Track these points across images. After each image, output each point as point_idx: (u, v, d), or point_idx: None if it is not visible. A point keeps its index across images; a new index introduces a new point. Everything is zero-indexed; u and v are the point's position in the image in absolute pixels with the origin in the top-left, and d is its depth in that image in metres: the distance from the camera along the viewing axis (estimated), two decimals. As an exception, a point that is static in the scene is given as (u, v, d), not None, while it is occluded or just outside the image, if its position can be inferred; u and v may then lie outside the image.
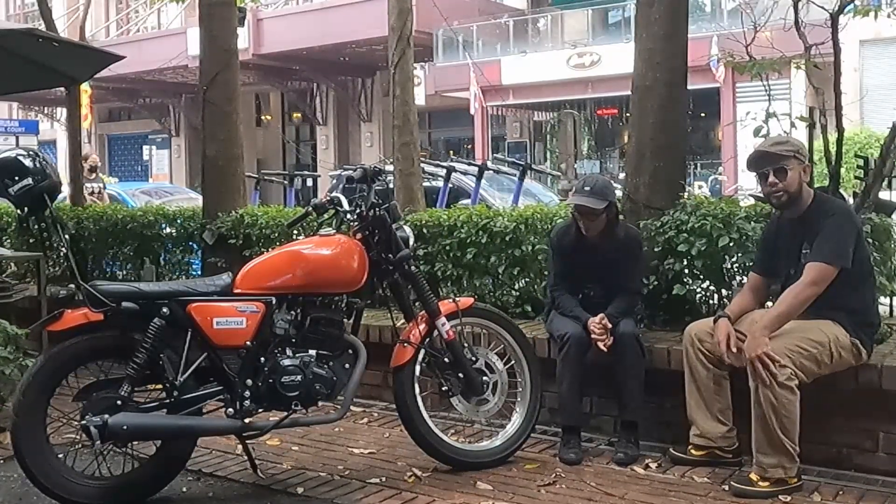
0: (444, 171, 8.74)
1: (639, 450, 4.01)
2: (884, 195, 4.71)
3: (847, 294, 3.59)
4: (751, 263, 4.26)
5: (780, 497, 3.46)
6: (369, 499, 3.56)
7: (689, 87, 4.91)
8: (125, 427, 3.41)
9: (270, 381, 3.60)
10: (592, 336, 4.02)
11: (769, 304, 4.06)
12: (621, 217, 4.59)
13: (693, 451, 3.87)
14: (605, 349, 4.00)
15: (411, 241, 4.06)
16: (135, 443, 3.61)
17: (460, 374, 3.97)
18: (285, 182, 11.54)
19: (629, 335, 4.03)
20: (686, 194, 4.68)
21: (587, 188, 4.11)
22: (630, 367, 4.02)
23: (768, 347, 3.47)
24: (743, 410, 3.64)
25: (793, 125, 4.92)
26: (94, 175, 11.42)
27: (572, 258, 4.26)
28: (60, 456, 3.54)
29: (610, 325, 4.02)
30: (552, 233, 4.50)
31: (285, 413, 3.67)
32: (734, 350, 3.62)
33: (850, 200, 4.65)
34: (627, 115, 5.42)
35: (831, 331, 3.58)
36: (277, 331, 3.65)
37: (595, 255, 4.20)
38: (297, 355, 3.65)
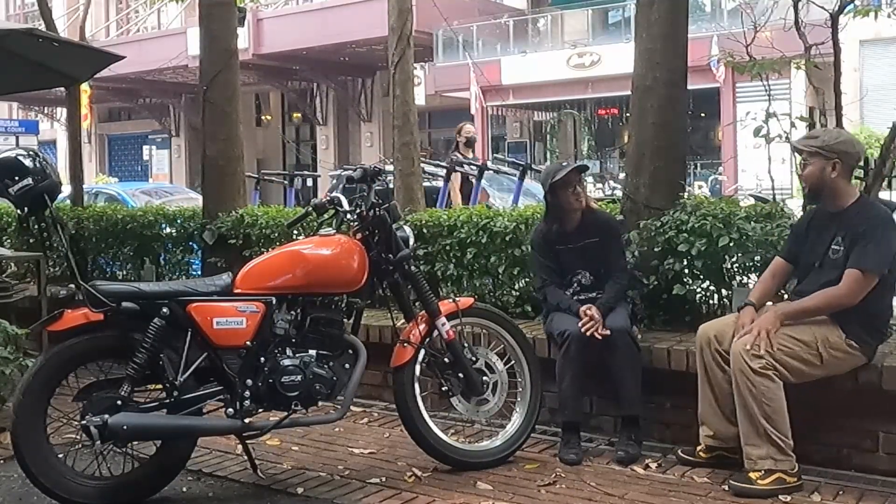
0: (444, 171, 8.74)
1: (640, 448, 4.02)
2: (884, 195, 4.71)
3: (869, 297, 3.55)
4: (750, 263, 4.27)
5: (779, 497, 3.46)
6: (369, 499, 3.56)
7: (689, 87, 4.90)
8: (125, 427, 3.41)
9: (270, 381, 3.60)
10: (584, 328, 3.99)
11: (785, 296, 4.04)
12: (620, 218, 4.61)
13: (702, 454, 3.85)
14: (599, 337, 3.98)
15: (411, 241, 4.06)
16: (135, 443, 3.61)
17: (460, 374, 3.97)
18: (285, 182, 11.53)
19: (619, 330, 4.03)
20: (686, 194, 4.68)
21: (564, 164, 4.33)
22: (624, 362, 4.02)
23: (774, 330, 3.51)
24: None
25: (793, 125, 4.92)
26: (471, 152, 8.98)
27: (555, 250, 4.31)
28: (60, 456, 3.54)
29: (598, 317, 4.01)
30: (532, 234, 4.54)
31: (285, 413, 3.67)
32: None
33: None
34: (627, 115, 5.42)
35: (823, 332, 3.57)
36: (277, 331, 3.65)
37: (576, 243, 4.26)
38: (297, 355, 3.65)
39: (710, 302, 4.56)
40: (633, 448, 3.99)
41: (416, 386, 3.91)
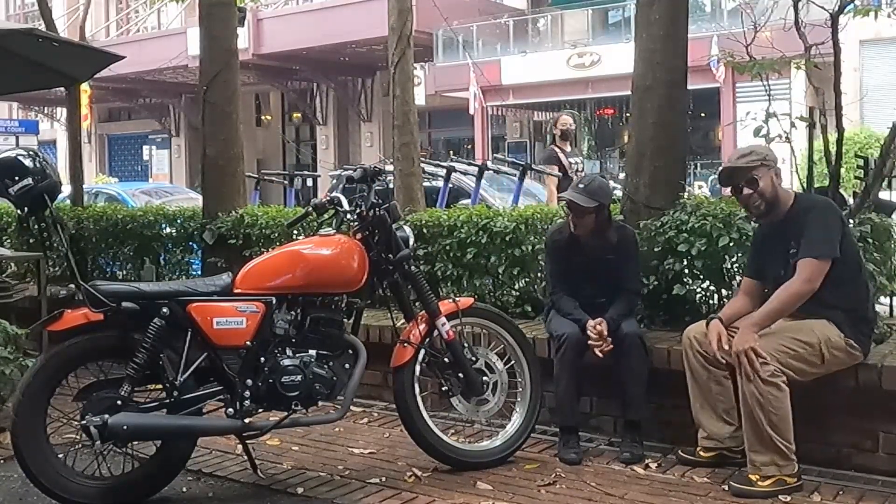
0: (444, 171, 8.74)
1: (643, 449, 4.02)
2: (884, 195, 4.71)
3: (839, 291, 3.59)
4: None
5: (779, 497, 3.46)
6: (369, 499, 3.56)
7: (689, 87, 4.91)
8: (125, 427, 3.41)
9: (270, 381, 3.60)
10: (589, 342, 4.02)
11: None
12: (620, 218, 4.60)
13: (702, 454, 3.86)
14: (600, 355, 4.00)
15: (411, 241, 4.06)
16: (135, 443, 3.61)
17: (460, 374, 3.97)
18: (285, 182, 11.53)
19: (633, 335, 4.03)
20: (686, 194, 4.68)
21: (581, 186, 4.16)
22: (634, 367, 4.02)
23: (756, 343, 3.48)
24: (746, 410, 3.64)
25: (793, 125, 4.92)
26: (568, 145, 8.10)
27: (567, 260, 4.27)
28: (60, 456, 3.54)
29: (606, 333, 4.02)
30: (547, 236, 4.51)
31: (285, 413, 3.67)
32: (726, 348, 3.63)
33: (850, 200, 4.65)
34: (627, 115, 5.42)
35: (823, 331, 3.58)
36: (277, 331, 3.65)
37: (590, 256, 4.21)
38: (297, 355, 3.65)
39: (710, 302, 4.56)
40: (637, 449, 3.99)
41: (416, 386, 3.90)
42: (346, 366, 3.76)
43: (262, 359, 3.63)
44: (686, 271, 4.47)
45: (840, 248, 3.59)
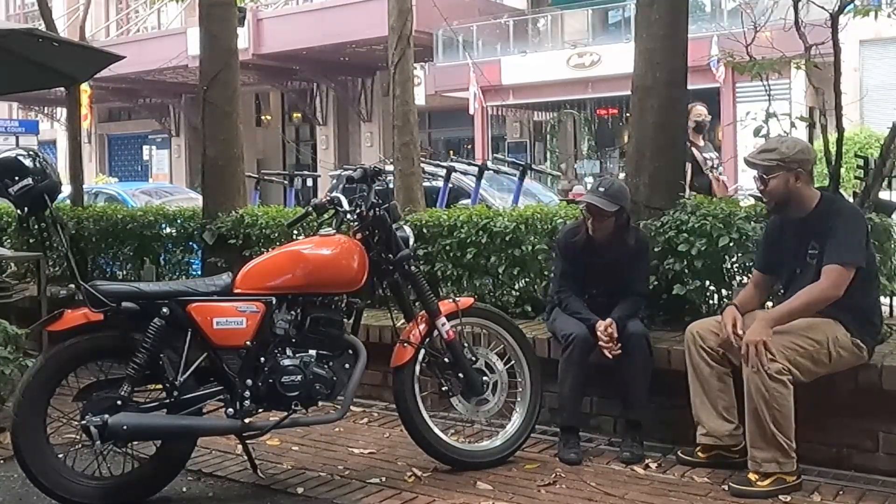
0: (444, 171, 8.74)
1: (643, 449, 4.02)
2: (884, 195, 4.71)
3: (853, 293, 3.58)
4: (750, 263, 4.27)
5: (779, 497, 3.46)
6: (369, 499, 3.56)
7: (689, 87, 4.91)
8: (125, 427, 3.42)
9: (270, 381, 3.60)
10: (599, 344, 4.01)
11: (769, 304, 4.06)
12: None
13: (700, 453, 3.86)
14: (610, 356, 3.99)
15: (411, 241, 4.07)
16: (135, 443, 3.61)
17: (460, 374, 3.97)
18: (285, 182, 11.54)
19: (639, 335, 4.03)
20: (686, 194, 4.68)
21: (601, 189, 4.14)
22: (638, 367, 4.02)
23: (768, 338, 3.47)
24: (748, 410, 3.64)
25: (793, 125, 4.92)
26: (701, 139, 7.31)
27: (578, 259, 4.26)
28: (60, 456, 3.54)
29: (616, 335, 4.01)
30: (559, 234, 4.49)
31: (285, 413, 3.67)
32: (740, 333, 3.61)
33: (850, 200, 4.64)
34: (627, 115, 5.42)
35: (832, 330, 3.58)
36: (277, 331, 3.65)
37: (601, 257, 4.20)
38: (297, 355, 3.65)
39: (710, 302, 4.56)
40: (637, 449, 4.00)
41: (416, 386, 3.91)
42: (346, 366, 3.76)
43: (262, 359, 3.63)
44: (686, 271, 4.47)
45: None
